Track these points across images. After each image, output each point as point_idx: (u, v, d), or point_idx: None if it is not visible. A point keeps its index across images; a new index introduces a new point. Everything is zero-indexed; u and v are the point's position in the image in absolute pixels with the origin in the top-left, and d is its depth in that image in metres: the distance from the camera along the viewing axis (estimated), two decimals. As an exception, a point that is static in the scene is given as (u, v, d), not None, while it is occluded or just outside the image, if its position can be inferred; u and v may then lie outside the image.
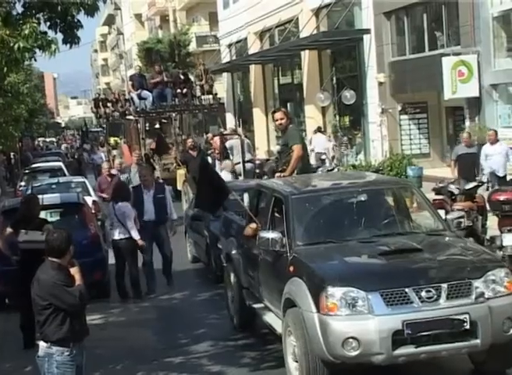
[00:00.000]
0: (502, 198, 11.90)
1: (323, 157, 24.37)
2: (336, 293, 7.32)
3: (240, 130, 27.86)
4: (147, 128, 27.42)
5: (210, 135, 26.63)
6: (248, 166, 22.25)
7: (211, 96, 28.49)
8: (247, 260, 10.01)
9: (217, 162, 21.58)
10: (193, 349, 9.99)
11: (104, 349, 9.75)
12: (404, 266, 7.80)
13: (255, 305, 9.77)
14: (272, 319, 9.03)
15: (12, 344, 10.49)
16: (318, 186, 9.92)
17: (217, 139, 23.53)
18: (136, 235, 12.85)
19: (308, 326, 7.52)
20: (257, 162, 24.45)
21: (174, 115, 27.21)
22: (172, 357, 9.72)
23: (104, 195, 17.58)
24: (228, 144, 22.84)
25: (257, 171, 22.78)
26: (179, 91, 27.64)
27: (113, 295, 13.20)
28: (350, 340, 7.21)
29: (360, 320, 7.27)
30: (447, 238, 8.70)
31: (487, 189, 15.00)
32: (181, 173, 22.93)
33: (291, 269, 8.09)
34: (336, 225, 8.86)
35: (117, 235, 12.93)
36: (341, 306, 7.30)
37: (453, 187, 13.52)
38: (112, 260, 13.64)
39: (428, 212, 9.22)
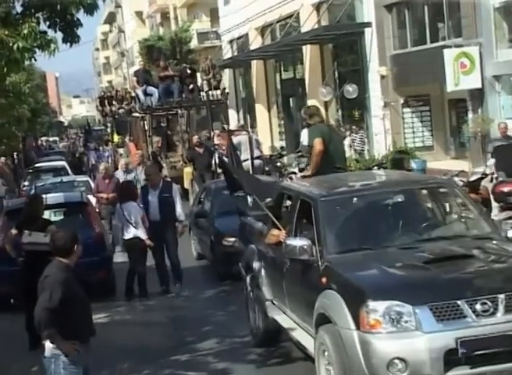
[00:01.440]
0: (506, 189, 11.88)
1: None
2: (378, 307, 6.51)
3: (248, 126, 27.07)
4: (154, 125, 26.80)
5: (217, 132, 26.32)
6: (257, 162, 21.70)
7: (219, 91, 27.58)
8: (270, 270, 9.12)
9: (225, 159, 21.37)
10: (199, 347, 9.97)
11: (109, 348, 9.73)
12: (455, 275, 6.94)
13: (280, 320, 8.82)
14: (302, 336, 8.09)
15: (18, 344, 10.48)
16: (349, 187, 8.94)
17: (224, 135, 23.31)
18: (143, 235, 12.80)
19: (347, 345, 6.70)
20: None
21: (180, 111, 26.48)
22: (178, 355, 9.70)
23: (102, 195, 17.25)
24: (235, 140, 22.40)
25: (267, 168, 22.51)
26: (185, 86, 26.78)
27: (118, 294, 13.19)
28: (396, 361, 6.41)
29: (407, 338, 6.47)
30: (497, 242, 7.74)
31: (491, 181, 14.96)
32: (188, 171, 22.56)
33: (323, 280, 7.26)
34: (371, 230, 8.01)
35: (127, 235, 12.90)
36: (385, 322, 6.50)
37: (457, 180, 13.48)
38: (116, 259, 13.62)
39: (473, 213, 8.35)
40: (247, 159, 20.95)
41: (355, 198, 8.33)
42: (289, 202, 9.15)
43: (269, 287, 9.13)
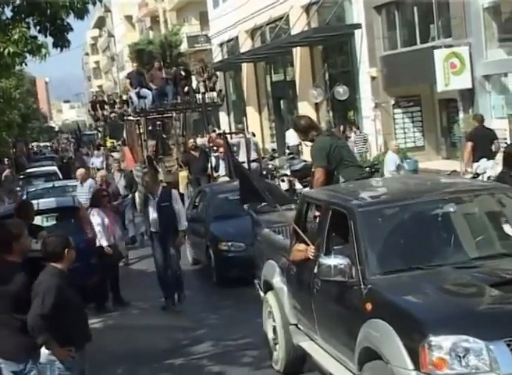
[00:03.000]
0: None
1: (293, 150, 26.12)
2: (443, 343, 5.39)
3: (245, 128, 26.54)
4: (150, 128, 26.21)
5: (214, 134, 25.97)
6: (254, 165, 21.20)
7: (214, 93, 26.68)
8: (294, 290, 8.04)
9: (221, 162, 20.96)
10: (193, 350, 9.96)
11: (104, 353, 9.70)
12: None
13: (308, 348, 7.80)
14: (338, 370, 6.97)
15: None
16: (390, 194, 7.76)
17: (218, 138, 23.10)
18: (103, 242, 12.61)
19: None
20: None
21: (176, 114, 25.94)
22: (172, 359, 9.69)
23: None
24: (233, 142, 21.76)
25: (264, 172, 22.23)
26: (179, 88, 25.72)
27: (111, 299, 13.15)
28: None
29: None
30: None
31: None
32: (183, 175, 22.05)
33: (368, 306, 6.15)
34: (421, 245, 6.82)
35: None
36: (451, 362, 5.36)
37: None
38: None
39: None
40: (244, 162, 20.61)
41: (400, 208, 7.14)
42: (316, 212, 7.98)
43: (293, 310, 8.14)
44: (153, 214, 12.14)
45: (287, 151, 29.72)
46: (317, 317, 7.33)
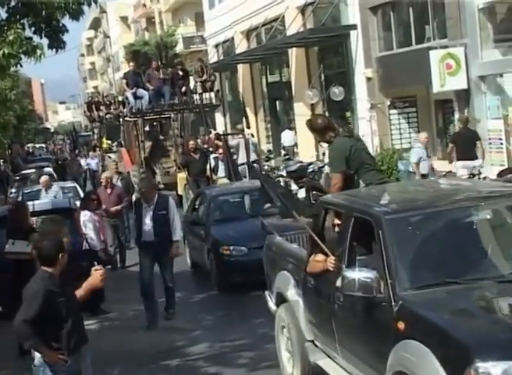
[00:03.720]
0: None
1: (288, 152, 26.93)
2: (492, 370, 4.75)
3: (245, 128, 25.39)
4: (148, 129, 25.80)
5: (212, 136, 25.01)
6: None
7: (212, 94, 26.32)
8: (311, 304, 7.47)
9: (220, 164, 20.55)
10: (189, 351, 9.96)
11: (100, 354, 9.67)
12: None
13: (326, 367, 7.26)
14: None
15: (8, 351, 10.42)
16: (419, 200, 7.04)
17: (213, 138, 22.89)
18: (95, 245, 12.33)
19: None
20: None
21: (174, 115, 25.59)
22: (169, 360, 9.69)
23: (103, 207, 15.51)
24: (232, 143, 21.57)
25: (263, 173, 21.78)
26: (177, 88, 25.42)
27: (107, 300, 13.13)
28: None
29: None
30: None
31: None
32: (181, 176, 21.62)
33: (401, 325, 5.55)
34: (457, 257, 6.12)
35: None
36: None
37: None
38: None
39: None
40: (244, 163, 20.67)
41: (431, 215, 6.41)
42: (335, 220, 7.32)
43: (310, 325, 7.54)
44: (148, 223, 11.37)
45: (282, 151, 29.81)
46: (338, 334, 6.74)
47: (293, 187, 19.87)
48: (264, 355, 9.38)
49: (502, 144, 18.85)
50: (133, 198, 19.46)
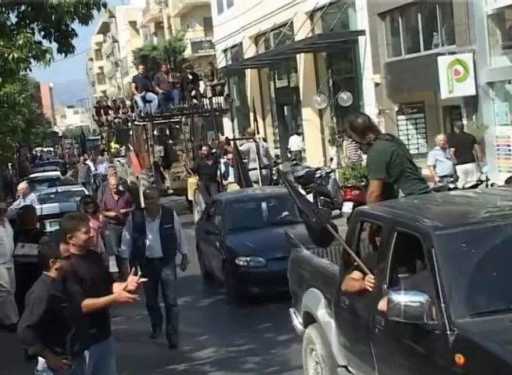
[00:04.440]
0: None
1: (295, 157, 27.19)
2: None
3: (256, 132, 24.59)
4: (157, 134, 25.35)
5: (223, 140, 24.68)
6: (264, 172, 20.42)
7: (222, 98, 25.63)
8: (345, 326, 6.81)
9: (230, 170, 20.12)
10: (196, 356, 9.96)
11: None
12: None
13: None
14: None
15: (15, 355, 10.44)
16: (473, 213, 6.14)
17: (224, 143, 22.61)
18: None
19: None
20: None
21: (185, 119, 25.07)
22: (175, 364, 9.69)
23: (110, 214, 15.08)
24: (243, 148, 20.71)
25: (274, 178, 21.58)
26: (186, 92, 24.76)
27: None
28: None
29: None
30: None
31: (486, 187, 14.99)
32: (192, 181, 21.23)
33: (459, 359, 4.83)
34: None
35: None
36: None
37: (452, 187, 13.52)
38: (112, 269, 13.57)
39: None
40: (255, 168, 20.11)
41: (490, 231, 5.56)
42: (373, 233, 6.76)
43: (343, 349, 6.91)
44: (153, 238, 10.50)
45: (289, 155, 29.81)
46: (378, 362, 6.03)
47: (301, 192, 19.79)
48: (271, 359, 9.39)
49: (510, 150, 18.84)
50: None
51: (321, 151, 28.87)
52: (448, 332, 5.01)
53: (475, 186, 13.89)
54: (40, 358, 6.54)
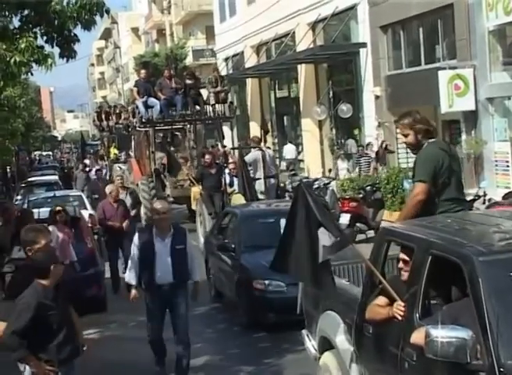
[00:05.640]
0: (499, 211, 11.83)
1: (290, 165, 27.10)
2: None
3: (264, 141, 24.43)
4: (160, 140, 24.70)
5: (228, 149, 23.98)
6: (270, 181, 19.60)
7: (225, 105, 24.69)
8: (371, 358, 6.09)
9: (235, 180, 19.22)
10: (190, 363, 9.93)
11: (100, 363, 9.70)
12: None
13: None
14: None
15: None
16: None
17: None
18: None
19: None
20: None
21: (189, 126, 24.45)
22: (169, 372, 9.65)
23: (114, 224, 14.80)
24: (248, 158, 19.70)
25: (281, 185, 20.77)
26: (189, 98, 23.80)
27: (110, 309, 13.15)
28: None
29: None
30: None
31: (483, 203, 15.00)
32: (195, 190, 20.32)
33: None
34: None
35: None
36: None
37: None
38: (108, 274, 13.60)
39: None
40: (260, 178, 19.53)
41: None
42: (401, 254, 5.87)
43: None
44: (163, 260, 8.99)
45: (283, 163, 29.73)
46: None
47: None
48: (264, 369, 9.39)
49: (508, 166, 18.88)
50: (142, 211, 18.76)
51: (320, 162, 28.91)
52: (496, 373, 4.41)
53: (472, 201, 13.87)
54: (27, 366, 6.52)
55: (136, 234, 9.46)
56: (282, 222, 8.41)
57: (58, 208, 13.02)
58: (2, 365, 8.56)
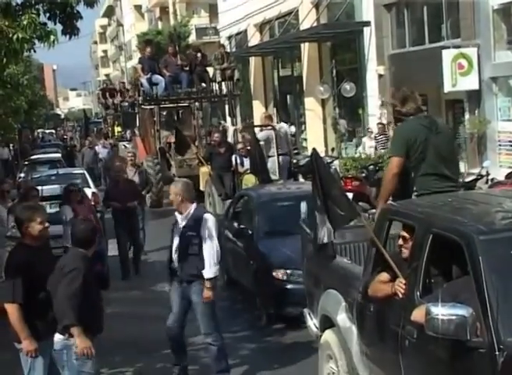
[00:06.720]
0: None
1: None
2: None
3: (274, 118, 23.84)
4: (165, 118, 24.12)
5: (239, 127, 22.91)
6: (282, 159, 18.46)
7: (231, 82, 24.19)
8: (372, 335, 6.10)
9: (244, 160, 17.78)
10: (192, 341, 9.94)
11: (104, 340, 9.73)
12: None
13: None
14: None
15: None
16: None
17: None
18: (65, 242, 11.44)
19: None
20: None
21: (197, 103, 23.76)
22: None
23: (117, 205, 14.45)
24: (261, 135, 18.31)
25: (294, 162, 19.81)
26: (195, 75, 23.59)
27: (112, 287, 13.17)
28: None
29: None
30: None
31: (486, 182, 15.02)
32: (204, 171, 19.49)
33: None
34: None
35: None
36: None
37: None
38: (111, 252, 13.65)
39: None
40: (274, 155, 18.36)
41: None
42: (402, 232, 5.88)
43: (366, 359, 6.26)
44: (175, 246, 8.39)
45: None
46: None
47: (301, 181, 19.70)
48: (265, 347, 9.45)
49: (511, 146, 18.86)
50: (147, 196, 18.32)
51: (322, 141, 28.87)
52: (496, 353, 4.43)
53: (475, 180, 13.90)
54: (56, 338, 6.49)
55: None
56: (303, 206, 8.54)
57: (72, 187, 13.08)
58: (3, 365, 8.68)
